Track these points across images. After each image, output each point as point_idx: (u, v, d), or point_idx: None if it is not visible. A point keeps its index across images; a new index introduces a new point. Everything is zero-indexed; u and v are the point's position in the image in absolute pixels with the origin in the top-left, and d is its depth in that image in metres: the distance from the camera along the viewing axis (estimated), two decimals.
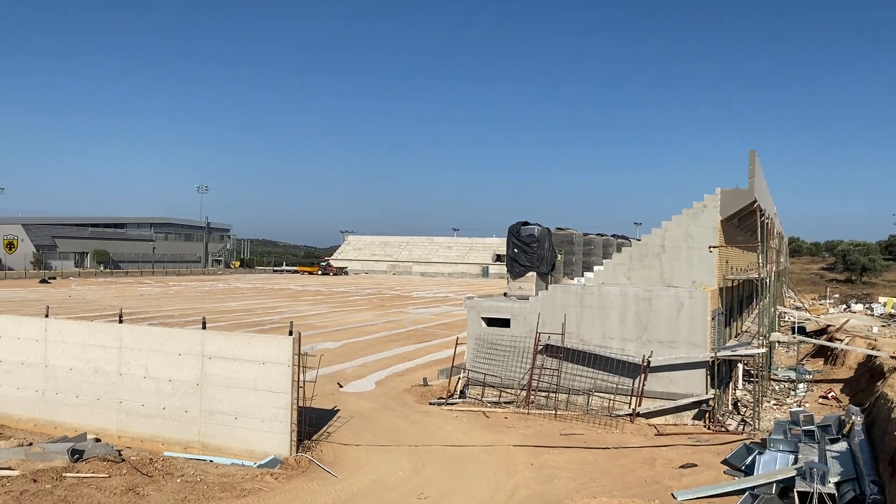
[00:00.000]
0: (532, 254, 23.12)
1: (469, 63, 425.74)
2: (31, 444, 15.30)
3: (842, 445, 15.17)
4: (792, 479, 13.25)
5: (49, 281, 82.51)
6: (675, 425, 19.46)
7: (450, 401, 21.50)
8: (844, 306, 56.23)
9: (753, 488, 13.51)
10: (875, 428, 16.33)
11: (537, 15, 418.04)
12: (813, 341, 33.02)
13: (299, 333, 15.66)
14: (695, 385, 19.60)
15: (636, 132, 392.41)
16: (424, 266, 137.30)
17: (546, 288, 22.04)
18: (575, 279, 25.85)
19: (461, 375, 22.74)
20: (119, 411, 16.52)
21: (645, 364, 19.66)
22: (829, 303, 61.22)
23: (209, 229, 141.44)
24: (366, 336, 37.15)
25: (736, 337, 29.43)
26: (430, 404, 21.34)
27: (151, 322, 38.37)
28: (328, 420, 18.67)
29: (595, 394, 20.41)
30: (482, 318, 22.07)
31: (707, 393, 19.54)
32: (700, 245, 21.57)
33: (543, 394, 20.83)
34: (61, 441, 15.34)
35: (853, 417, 16.61)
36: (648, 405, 19.79)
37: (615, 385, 20.15)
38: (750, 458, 15.33)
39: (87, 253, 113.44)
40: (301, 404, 15.65)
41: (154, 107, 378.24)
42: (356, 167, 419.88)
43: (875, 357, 25.57)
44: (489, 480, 14.53)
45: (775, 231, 38.97)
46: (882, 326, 37.63)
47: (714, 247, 21.09)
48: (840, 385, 26.08)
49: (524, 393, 20.93)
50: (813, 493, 12.57)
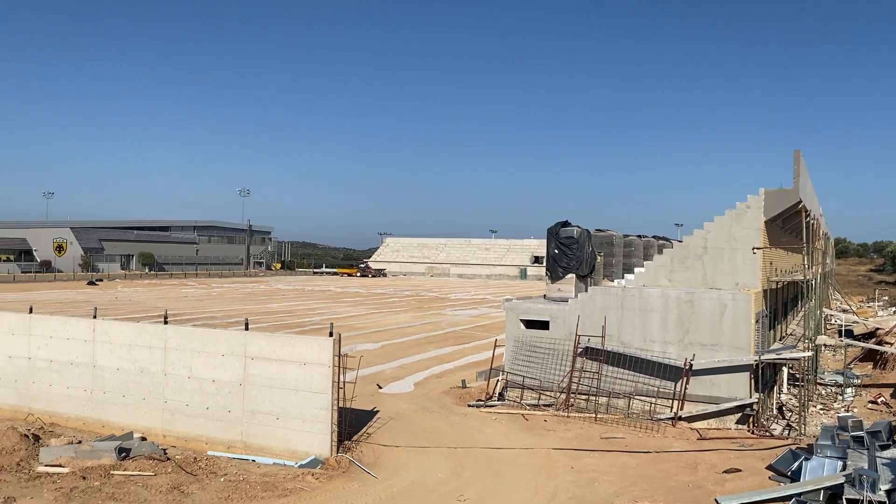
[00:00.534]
0: (572, 255, 22.97)
1: (508, 65, 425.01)
2: (81, 443, 15.69)
3: (893, 452, 14.75)
4: (840, 487, 12.93)
5: (96, 283, 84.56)
6: (718, 429, 19.14)
7: (488, 403, 21.47)
8: (894, 309, 54.72)
9: (800, 495, 13.22)
10: None
11: (571, 16, 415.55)
12: (861, 345, 32.16)
13: (339, 335, 15.79)
14: (738, 389, 19.26)
15: (677, 132, 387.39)
16: (462, 268, 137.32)
17: (586, 290, 21.87)
18: (615, 281, 25.61)
19: (500, 377, 22.69)
20: (164, 411, 16.85)
21: (687, 367, 19.38)
22: (878, 305, 59.63)
23: (251, 232, 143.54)
24: (404, 338, 37.31)
25: (780, 340, 28.86)
26: (469, 406, 21.34)
27: (195, 323, 39.06)
28: (368, 421, 18.80)
29: (636, 397, 20.18)
30: (521, 320, 22.00)
31: (751, 397, 19.19)
32: (743, 246, 21.22)
33: (583, 397, 20.67)
34: (109, 439, 15.69)
35: None
36: (690, 409, 19.51)
37: (656, 388, 19.91)
38: (796, 464, 15.01)
39: (133, 255, 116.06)
40: (341, 405, 15.78)
41: (197, 112, 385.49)
42: (394, 170, 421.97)
43: None
44: (529, 483, 14.47)
45: (821, 232, 38.13)
46: None
47: (758, 248, 20.72)
48: (890, 390, 25.36)
49: (563, 396, 20.80)
50: (863, 501, 12.26)
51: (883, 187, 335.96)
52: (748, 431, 18.99)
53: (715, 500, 13.55)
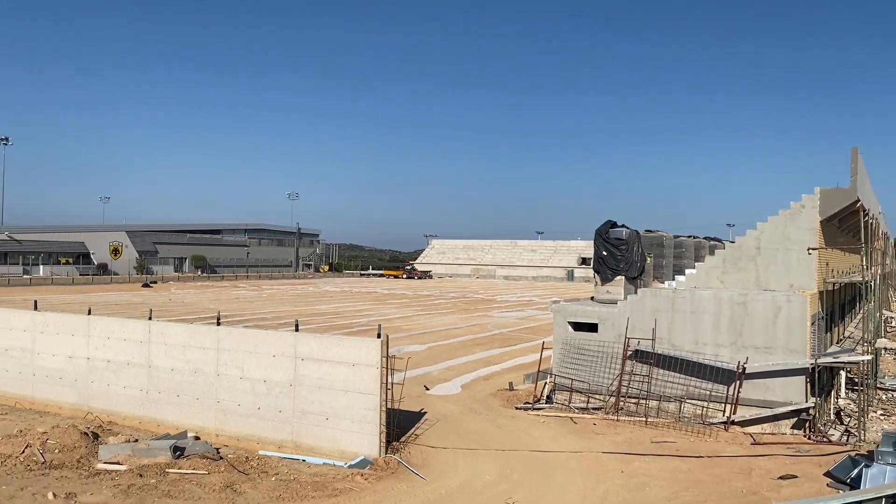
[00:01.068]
0: (621, 257, 22.69)
1: (558, 69, 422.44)
2: (137, 441, 16.08)
3: None
4: None
5: (151, 285, 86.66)
6: (773, 434, 18.69)
7: (536, 406, 21.35)
8: None
9: (860, 503, 12.82)
10: None
11: (624, 17, 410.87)
12: None
13: (387, 336, 15.88)
14: (793, 393, 18.78)
15: (729, 133, 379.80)
16: (508, 269, 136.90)
17: (635, 292, 21.59)
18: (665, 283, 25.23)
19: (547, 380, 22.55)
20: (217, 410, 17.17)
21: (740, 370, 18.98)
22: None
23: (299, 235, 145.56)
24: (451, 339, 37.35)
25: (838, 343, 28.05)
26: (517, 409, 21.25)
27: (246, 324, 39.73)
28: (415, 422, 18.87)
29: (687, 401, 19.84)
30: (569, 323, 21.82)
31: (807, 401, 18.68)
32: (798, 247, 20.71)
33: (633, 400, 20.40)
34: (164, 438, 16.06)
35: None
36: (744, 413, 19.08)
37: (708, 392, 19.53)
38: (856, 471, 14.55)
39: (186, 258, 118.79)
40: (389, 406, 15.87)
41: (247, 118, 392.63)
42: (440, 172, 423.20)
43: None
44: (578, 487, 14.34)
45: (880, 231, 36.96)
46: None
47: (813, 249, 20.19)
48: None
49: (613, 399, 20.57)
50: None
51: None
52: (804, 437, 18.50)
53: None
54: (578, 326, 21.72)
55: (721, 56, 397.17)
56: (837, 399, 23.06)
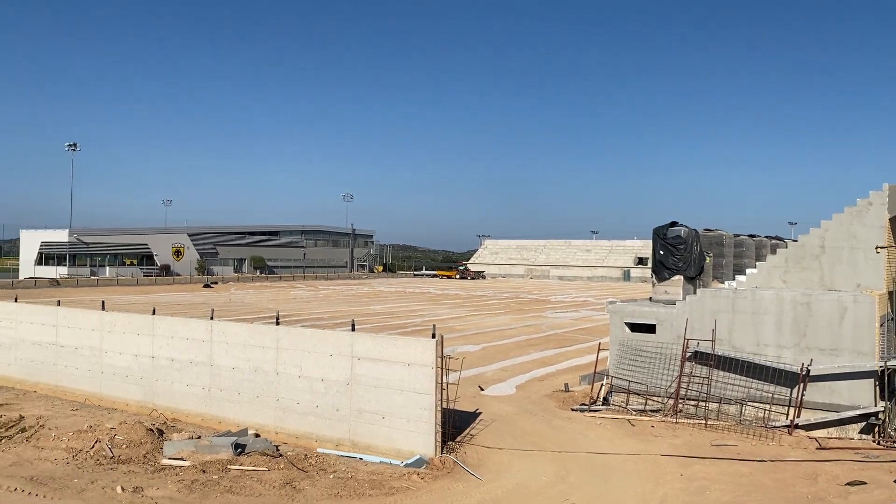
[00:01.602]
0: (679, 256, 22.30)
1: (614, 66, 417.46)
2: (200, 438, 16.50)
3: None
4: None
5: (211, 285, 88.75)
6: (840, 439, 18.11)
7: (592, 407, 21.13)
8: None
9: None
10: None
11: (681, 19, 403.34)
12: None
13: (442, 336, 15.94)
14: (861, 396, 18.16)
15: (790, 130, 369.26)
16: (562, 270, 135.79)
17: (694, 292, 21.19)
18: (725, 283, 24.68)
19: (604, 382, 22.30)
20: (276, 409, 17.50)
21: (804, 373, 18.44)
22: None
23: (354, 236, 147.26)
24: (505, 340, 37.25)
25: None
26: (573, 410, 21.08)
27: (304, 324, 40.37)
28: (470, 422, 18.89)
29: (748, 403, 19.37)
30: (625, 324, 21.54)
31: (876, 405, 18.05)
32: (865, 245, 20.03)
33: (692, 402, 20.02)
34: (225, 435, 16.44)
35: None
36: (808, 417, 18.54)
37: (770, 394, 19.04)
38: None
39: (245, 259, 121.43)
40: (444, 406, 15.93)
41: (303, 122, 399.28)
42: (493, 172, 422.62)
43: None
44: (636, 489, 14.15)
45: None
46: None
47: (882, 247, 19.50)
48: None
49: (671, 401, 20.22)
50: None
51: None
52: (873, 442, 17.87)
53: None
54: (636, 327, 21.43)
55: (794, 54, 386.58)
56: None
